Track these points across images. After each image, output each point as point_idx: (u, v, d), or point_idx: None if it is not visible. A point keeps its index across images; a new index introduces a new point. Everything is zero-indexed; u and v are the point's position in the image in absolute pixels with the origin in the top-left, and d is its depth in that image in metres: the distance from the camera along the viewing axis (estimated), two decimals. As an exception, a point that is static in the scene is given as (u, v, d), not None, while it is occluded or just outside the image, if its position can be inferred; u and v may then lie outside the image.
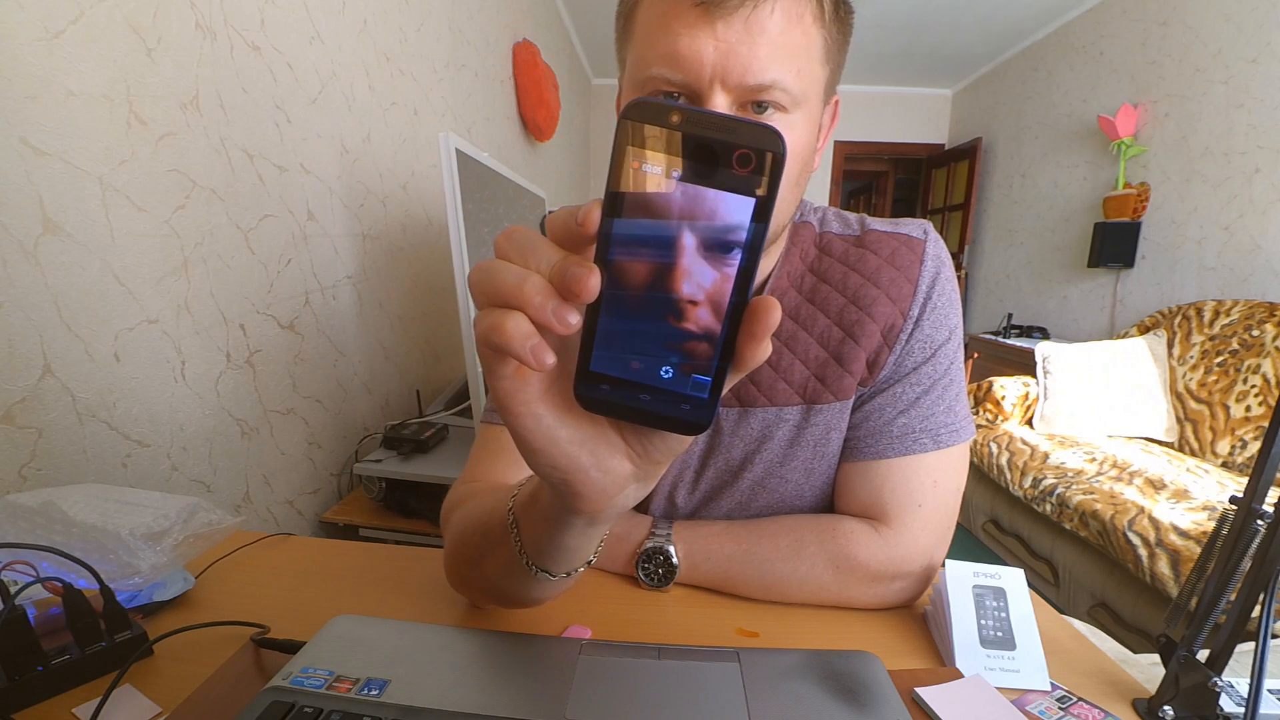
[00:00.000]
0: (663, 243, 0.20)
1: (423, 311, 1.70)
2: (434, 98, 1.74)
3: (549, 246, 0.22)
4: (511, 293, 0.21)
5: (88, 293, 0.74)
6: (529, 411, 0.24)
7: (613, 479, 0.26)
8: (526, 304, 0.21)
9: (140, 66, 0.79)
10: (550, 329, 0.21)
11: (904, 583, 0.51)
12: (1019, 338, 3.18)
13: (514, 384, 0.24)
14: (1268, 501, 0.37)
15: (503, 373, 0.23)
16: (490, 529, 0.39)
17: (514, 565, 0.36)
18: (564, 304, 0.21)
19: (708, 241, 0.20)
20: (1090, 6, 3.15)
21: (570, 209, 0.22)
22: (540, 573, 0.36)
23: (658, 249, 0.20)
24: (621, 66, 0.50)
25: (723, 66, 0.41)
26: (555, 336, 0.22)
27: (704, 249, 0.20)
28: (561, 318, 0.21)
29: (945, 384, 0.53)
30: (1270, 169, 2.21)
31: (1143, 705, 0.41)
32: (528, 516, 0.34)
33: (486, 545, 0.40)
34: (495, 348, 0.22)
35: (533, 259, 0.22)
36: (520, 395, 0.24)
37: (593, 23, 3.52)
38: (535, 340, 0.21)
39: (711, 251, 0.20)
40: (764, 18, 0.40)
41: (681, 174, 0.19)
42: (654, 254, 0.20)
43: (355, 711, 0.34)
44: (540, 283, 0.21)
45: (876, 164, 5.70)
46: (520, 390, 0.24)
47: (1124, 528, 1.53)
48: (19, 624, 0.38)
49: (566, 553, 0.34)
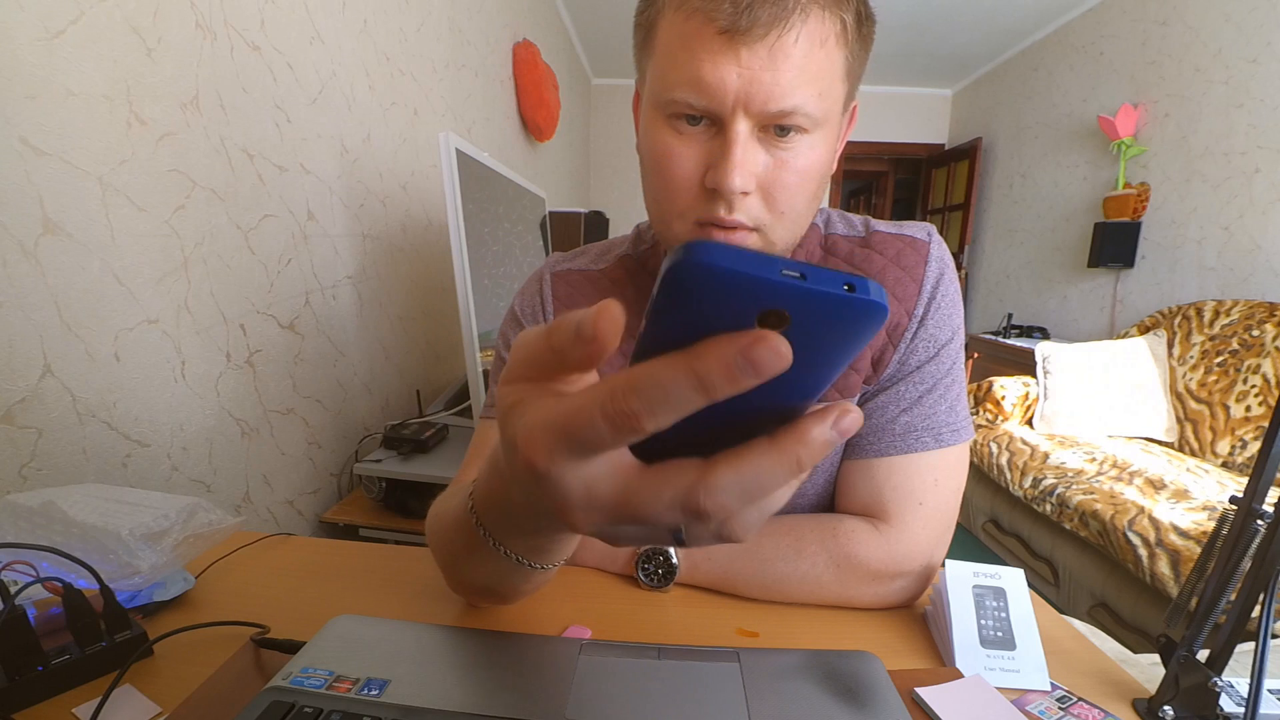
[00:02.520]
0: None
1: (423, 311, 1.70)
2: (434, 98, 1.74)
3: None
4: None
5: (88, 293, 0.74)
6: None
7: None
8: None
9: (140, 66, 0.79)
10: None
11: (904, 581, 0.51)
12: (1019, 338, 3.18)
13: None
14: (1268, 501, 0.37)
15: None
16: (465, 534, 0.37)
17: (492, 558, 0.35)
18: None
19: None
20: (1090, 6, 3.15)
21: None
22: (520, 561, 0.35)
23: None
24: (640, 75, 0.50)
25: (746, 94, 0.41)
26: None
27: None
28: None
29: (948, 384, 0.53)
30: (1270, 169, 2.21)
31: (1143, 705, 0.41)
32: (498, 526, 0.33)
33: (461, 543, 0.38)
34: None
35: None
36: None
37: (593, 23, 3.52)
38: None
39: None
40: (788, 45, 0.40)
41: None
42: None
43: (355, 711, 0.34)
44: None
45: (876, 164, 5.69)
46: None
47: (1124, 528, 1.53)
48: (19, 624, 0.38)
49: (550, 553, 0.34)
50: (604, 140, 4.65)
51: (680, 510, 0.18)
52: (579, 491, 0.20)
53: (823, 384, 0.18)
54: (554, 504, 0.21)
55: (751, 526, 0.20)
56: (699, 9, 0.41)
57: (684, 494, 0.18)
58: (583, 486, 0.20)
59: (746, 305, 0.15)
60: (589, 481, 0.20)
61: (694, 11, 0.41)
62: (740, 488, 0.18)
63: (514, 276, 1.50)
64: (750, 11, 0.39)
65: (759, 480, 0.18)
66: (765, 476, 0.18)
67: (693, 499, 0.18)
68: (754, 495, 0.18)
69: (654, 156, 0.46)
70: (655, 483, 0.19)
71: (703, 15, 0.41)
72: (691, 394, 0.16)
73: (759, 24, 0.39)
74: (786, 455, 0.18)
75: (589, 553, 0.55)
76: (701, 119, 0.44)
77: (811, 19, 0.41)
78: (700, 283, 0.15)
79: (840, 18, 0.42)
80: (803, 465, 0.18)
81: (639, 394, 0.17)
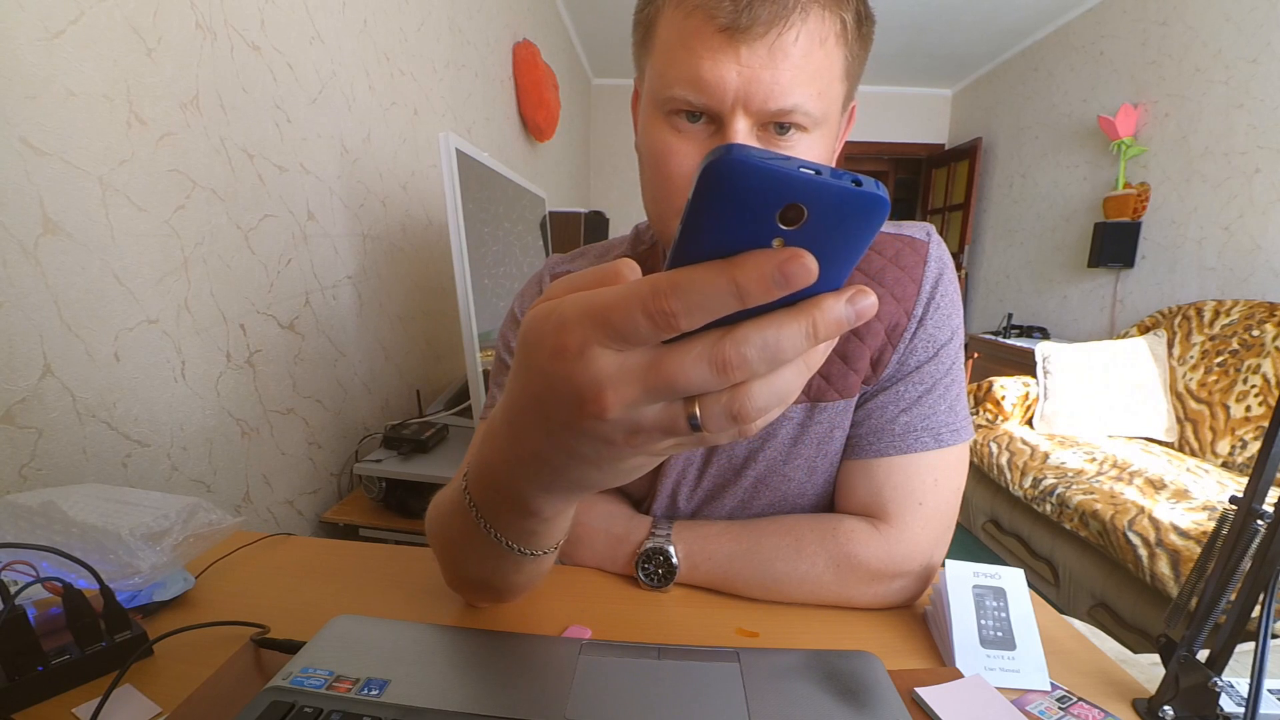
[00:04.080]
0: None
1: (423, 311, 1.70)
2: (434, 98, 1.74)
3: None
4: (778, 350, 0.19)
5: (88, 293, 0.74)
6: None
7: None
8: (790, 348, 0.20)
9: (140, 66, 0.79)
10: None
11: (904, 581, 0.51)
12: (1019, 338, 3.18)
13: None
14: (1268, 501, 0.37)
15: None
16: (459, 520, 0.38)
17: (484, 543, 0.36)
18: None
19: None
20: (1090, 6, 3.15)
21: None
22: (510, 546, 0.35)
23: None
24: (640, 73, 0.50)
25: (745, 92, 0.41)
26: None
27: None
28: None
29: (947, 384, 0.53)
30: (1270, 169, 2.20)
31: (1143, 705, 0.41)
32: (489, 503, 0.33)
33: (456, 530, 0.39)
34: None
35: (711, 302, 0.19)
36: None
37: (593, 23, 3.52)
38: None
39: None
40: (788, 43, 0.40)
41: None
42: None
43: (355, 711, 0.34)
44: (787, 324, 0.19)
45: (876, 164, 5.69)
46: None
47: (1124, 528, 1.53)
48: (19, 624, 0.38)
49: (540, 536, 0.35)
50: (604, 140, 4.65)
51: (706, 363, 0.19)
52: (611, 369, 0.21)
53: (835, 281, 0.20)
54: (582, 385, 0.21)
55: (764, 409, 0.21)
56: (699, 6, 0.41)
57: (710, 346, 0.19)
58: (615, 364, 0.21)
59: (770, 200, 0.17)
60: (621, 359, 0.21)
61: (694, 9, 0.41)
62: (762, 341, 0.19)
63: (514, 276, 1.50)
64: (750, 10, 0.39)
65: (779, 340, 0.19)
66: (785, 338, 0.19)
67: (719, 349, 0.19)
68: (773, 355, 0.19)
69: (653, 154, 0.46)
70: (683, 346, 0.20)
71: (703, 13, 0.41)
72: (729, 299, 0.18)
73: (759, 22, 0.39)
74: (803, 318, 0.19)
75: (589, 553, 0.55)
76: (700, 116, 0.44)
77: (811, 18, 0.41)
78: (733, 178, 0.17)
79: (840, 17, 0.42)
80: (817, 331, 0.19)
81: (680, 295, 0.18)
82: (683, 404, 0.21)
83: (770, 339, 0.19)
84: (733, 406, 0.20)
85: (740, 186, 0.17)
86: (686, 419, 0.21)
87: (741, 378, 0.20)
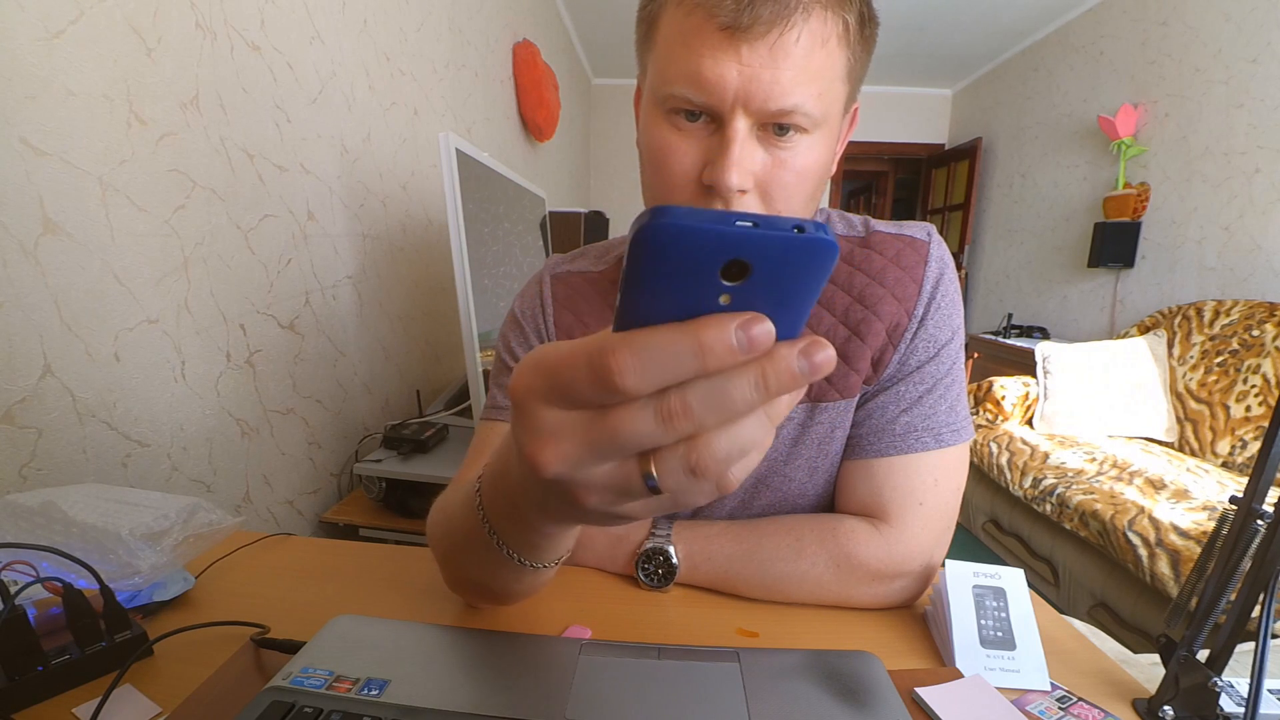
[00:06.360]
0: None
1: (423, 311, 1.70)
2: (434, 98, 1.74)
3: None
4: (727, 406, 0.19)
5: (88, 293, 0.74)
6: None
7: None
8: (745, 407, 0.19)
9: (140, 66, 0.79)
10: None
11: (904, 581, 0.51)
12: (1019, 338, 3.18)
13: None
14: (1268, 501, 0.37)
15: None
16: (465, 523, 0.38)
17: (488, 550, 0.36)
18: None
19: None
20: (1090, 6, 3.15)
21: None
22: (511, 555, 0.35)
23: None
24: (642, 70, 0.50)
25: (745, 91, 0.41)
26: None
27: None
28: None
29: (948, 384, 0.53)
30: (1270, 169, 2.20)
31: (1143, 705, 0.41)
32: (499, 512, 0.33)
33: (461, 533, 0.39)
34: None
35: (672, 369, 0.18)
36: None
37: (593, 23, 3.52)
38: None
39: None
40: (789, 43, 0.40)
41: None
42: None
43: (355, 711, 0.34)
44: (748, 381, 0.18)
45: (876, 164, 5.69)
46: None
47: (1124, 528, 1.53)
48: (19, 624, 0.38)
49: (542, 550, 0.35)
50: (604, 140, 4.64)
51: (650, 412, 0.18)
52: (550, 424, 0.20)
53: (790, 330, 0.19)
54: (521, 439, 0.21)
55: (725, 461, 0.19)
56: (701, 4, 0.41)
57: (655, 396, 0.18)
58: (556, 419, 0.20)
59: (708, 260, 0.16)
60: (563, 415, 0.20)
61: (695, 7, 0.41)
62: (708, 389, 0.18)
63: (514, 276, 1.50)
64: (752, 9, 0.39)
65: (726, 389, 0.18)
66: (735, 388, 0.18)
67: (664, 399, 0.18)
68: (720, 405, 0.18)
69: (652, 151, 0.46)
70: (628, 400, 0.19)
71: (704, 11, 0.41)
72: (688, 361, 0.17)
73: (760, 21, 0.39)
74: (753, 368, 0.18)
75: (589, 553, 0.55)
76: (701, 115, 0.44)
77: (814, 18, 0.41)
78: (665, 242, 0.16)
79: (843, 18, 0.42)
80: (768, 383, 0.18)
81: (633, 354, 0.17)
82: (636, 461, 0.20)
83: (717, 388, 0.18)
84: (690, 459, 0.19)
85: (674, 251, 0.16)
86: (641, 477, 0.20)
87: (689, 428, 0.19)
